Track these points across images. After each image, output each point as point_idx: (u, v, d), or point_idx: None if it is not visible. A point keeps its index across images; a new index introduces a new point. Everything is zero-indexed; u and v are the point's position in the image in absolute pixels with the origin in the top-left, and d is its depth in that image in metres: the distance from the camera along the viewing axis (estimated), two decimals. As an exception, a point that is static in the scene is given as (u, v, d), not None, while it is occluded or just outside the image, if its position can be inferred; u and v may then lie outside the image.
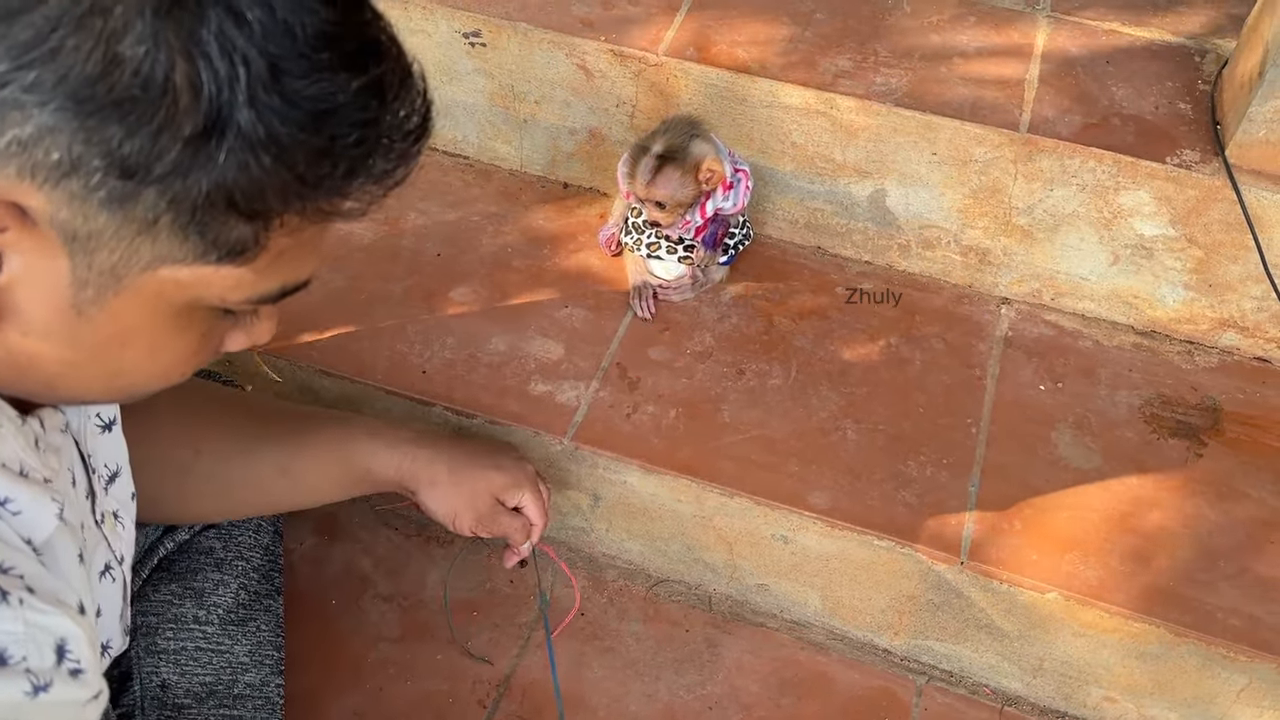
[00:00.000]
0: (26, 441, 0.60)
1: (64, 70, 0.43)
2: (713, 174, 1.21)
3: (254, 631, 1.05)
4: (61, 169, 0.45)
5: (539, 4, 1.37)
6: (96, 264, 0.49)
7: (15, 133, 0.44)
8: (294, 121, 0.47)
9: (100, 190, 0.46)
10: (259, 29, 0.45)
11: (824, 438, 1.19)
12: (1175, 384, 1.28)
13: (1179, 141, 1.23)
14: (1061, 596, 1.07)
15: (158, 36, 0.44)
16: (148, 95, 0.44)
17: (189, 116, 0.45)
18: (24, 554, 0.56)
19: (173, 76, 0.44)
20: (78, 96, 0.44)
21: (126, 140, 0.45)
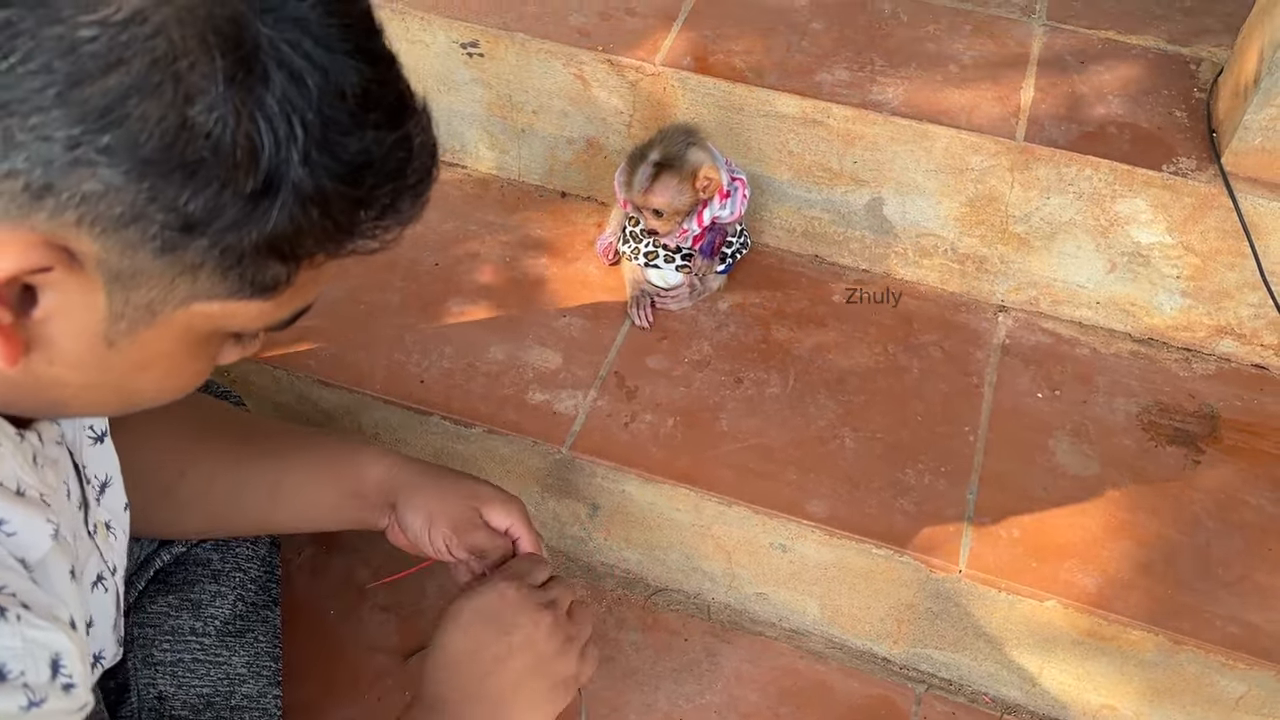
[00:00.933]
0: (25, 458, 0.60)
1: (136, 135, 0.45)
2: (710, 182, 1.22)
3: (251, 643, 1.04)
4: (121, 221, 0.47)
5: (536, 14, 1.38)
6: (133, 300, 0.51)
7: (82, 188, 0.45)
8: (339, 176, 0.49)
9: (156, 240, 0.48)
10: (315, 91, 0.47)
11: (822, 446, 1.19)
12: (1173, 391, 1.28)
13: (1175, 149, 1.23)
14: (1060, 604, 1.07)
15: (228, 102, 0.46)
16: (216, 158, 0.46)
17: (249, 175, 0.47)
18: (16, 572, 0.56)
19: (239, 139, 0.46)
20: (148, 159, 0.45)
21: (191, 199, 0.47)
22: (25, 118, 0.44)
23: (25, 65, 0.43)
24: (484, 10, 1.38)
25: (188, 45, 0.45)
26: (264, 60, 0.46)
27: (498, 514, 0.95)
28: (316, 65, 0.48)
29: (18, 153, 0.44)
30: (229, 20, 0.46)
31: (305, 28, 0.47)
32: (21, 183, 0.45)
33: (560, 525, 1.27)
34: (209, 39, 0.45)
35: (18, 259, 0.47)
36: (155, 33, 0.44)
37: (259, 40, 0.46)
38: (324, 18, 0.48)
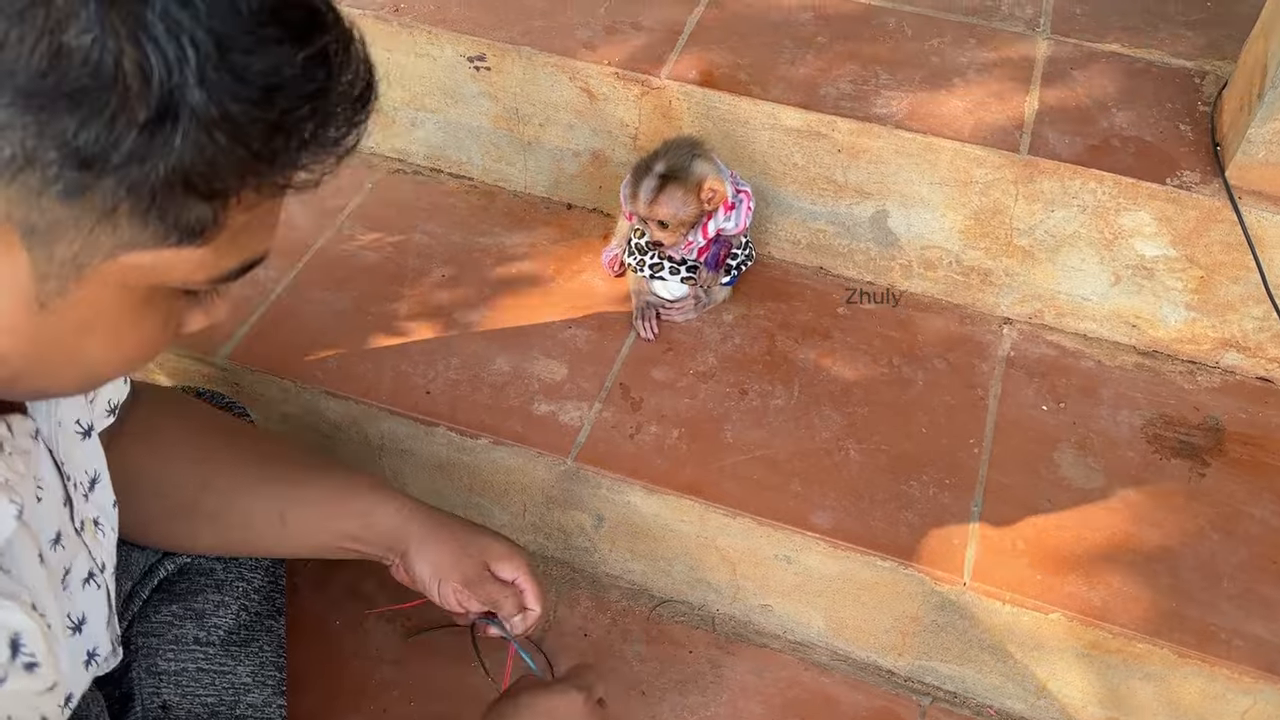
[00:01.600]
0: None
1: (9, 65, 0.43)
2: (714, 194, 1.22)
3: (256, 652, 1.05)
4: (15, 164, 0.45)
5: (543, 29, 1.39)
6: (57, 255, 0.48)
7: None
8: (245, 98, 0.46)
9: (57, 183, 0.45)
10: (203, 7, 0.45)
11: (827, 458, 1.19)
12: (1177, 404, 1.28)
13: (1179, 163, 1.24)
14: (1065, 617, 1.07)
15: (103, 23, 0.43)
16: (98, 84, 0.44)
17: (141, 102, 0.44)
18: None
19: (122, 63, 0.44)
20: (26, 91, 0.43)
21: (81, 131, 0.44)
22: None
23: None
24: (491, 25, 1.39)
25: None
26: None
27: (505, 567, 0.98)
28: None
29: None
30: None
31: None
32: None
33: (565, 536, 1.27)
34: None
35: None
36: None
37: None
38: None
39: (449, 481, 1.27)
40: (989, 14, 1.45)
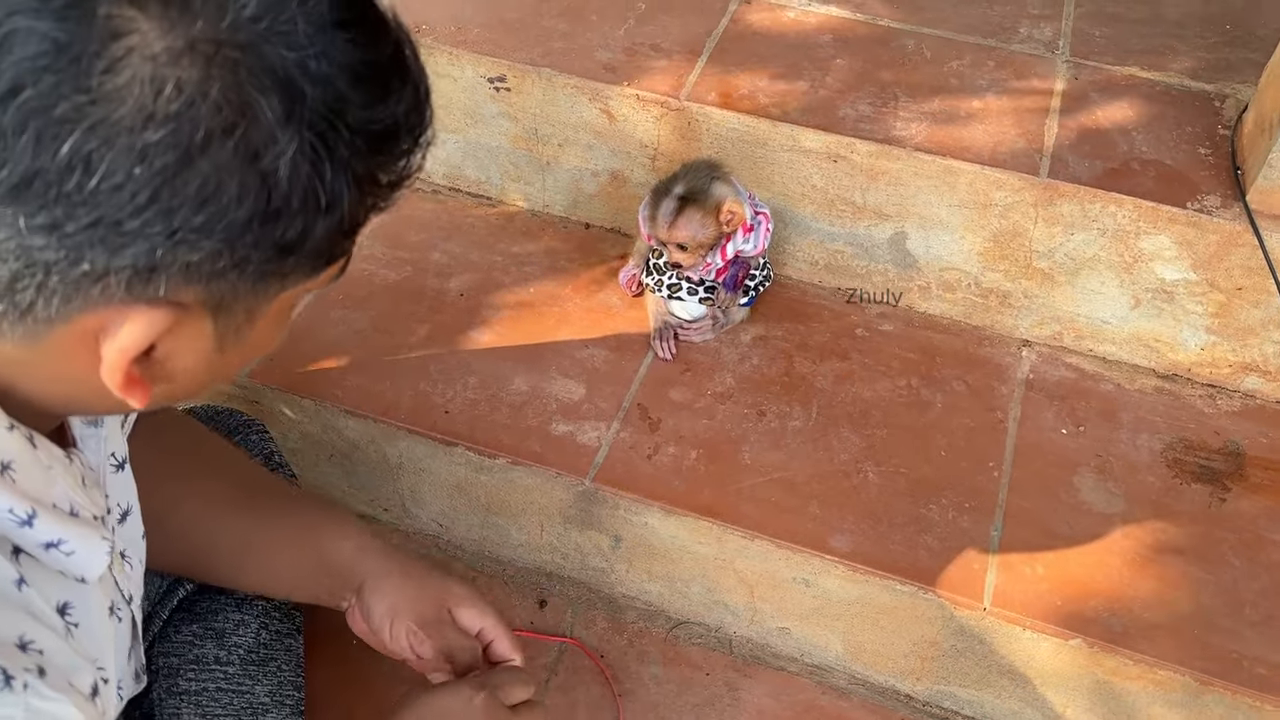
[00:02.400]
0: (75, 480, 0.61)
1: (225, 206, 0.47)
2: (733, 216, 1.22)
3: (275, 671, 1.05)
4: (223, 270, 0.49)
5: (563, 50, 1.39)
6: (236, 314, 0.53)
7: (185, 260, 0.48)
8: (378, 149, 0.52)
9: (255, 272, 0.51)
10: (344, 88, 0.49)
11: (845, 480, 1.19)
12: (1197, 428, 1.27)
13: (1200, 186, 1.23)
14: (1085, 643, 1.07)
15: (289, 139, 0.47)
16: (293, 192, 0.48)
17: (321, 190, 0.49)
18: (47, 627, 0.57)
19: (305, 167, 0.48)
20: (240, 221, 0.48)
21: (283, 234, 0.49)
22: (121, 225, 0.45)
23: (108, 181, 0.44)
24: (512, 46, 1.40)
25: (241, 106, 0.46)
26: (297, 83, 0.47)
27: (469, 614, 0.93)
28: (336, 63, 0.48)
29: (121, 253, 0.46)
30: (259, 62, 0.46)
31: (314, 33, 0.48)
32: (129, 271, 0.47)
33: (582, 557, 1.27)
34: (252, 90, 0.46)
35: (140, 333, 0.50)
36: (215, 109, 0.45)
37: (286, 67, 0.47)
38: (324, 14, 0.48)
39: (466, 501, 1.27)
40: (1008, 36, 1.45)
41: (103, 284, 0.47)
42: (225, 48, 0.45)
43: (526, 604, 1.27)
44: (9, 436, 0.55)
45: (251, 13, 0.46)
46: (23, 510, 0.56)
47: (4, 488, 0.55)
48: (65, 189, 0.44)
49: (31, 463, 0.57)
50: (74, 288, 0.47)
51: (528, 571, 1.30)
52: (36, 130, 0.43)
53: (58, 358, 0.52)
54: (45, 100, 0.43)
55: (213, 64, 0.45)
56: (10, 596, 0.55)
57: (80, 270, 0.46)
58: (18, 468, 0.56)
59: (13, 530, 0.56)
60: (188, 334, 0.52)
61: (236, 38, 0.46)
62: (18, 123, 0.43)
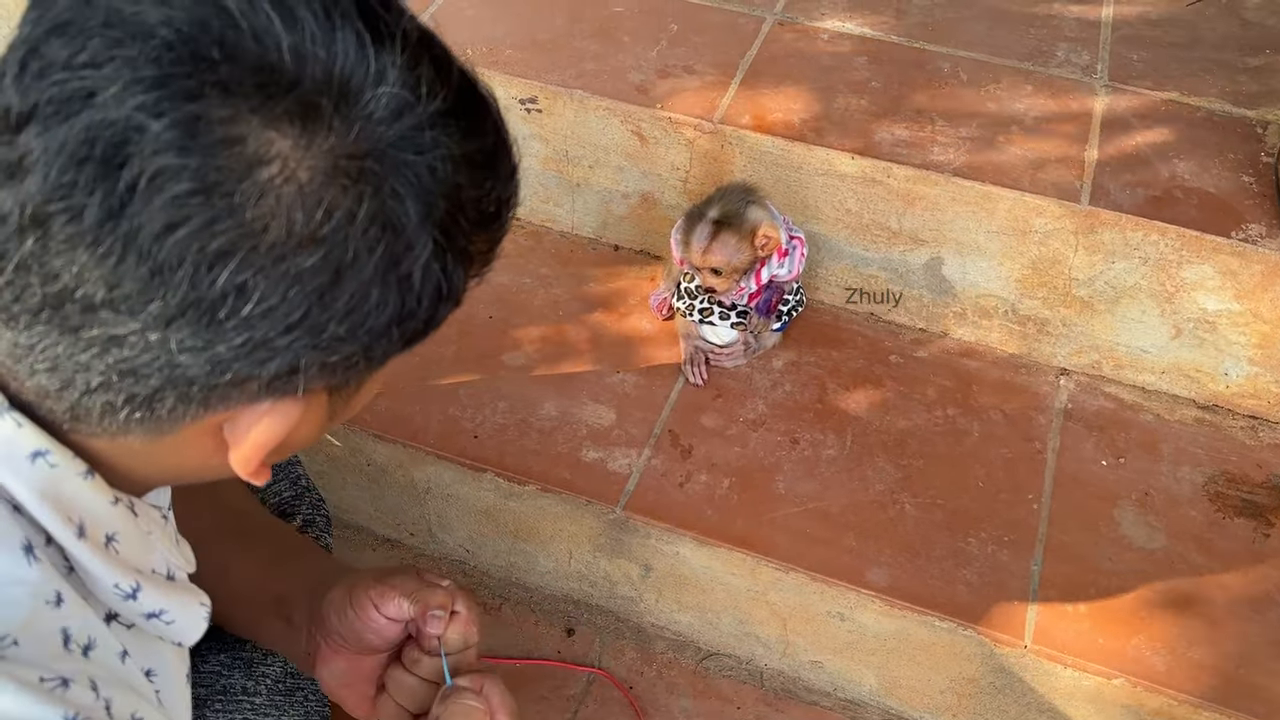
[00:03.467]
0: (170, 540, 0.61)
1: (366, 315, 0.47)
2: (768, 240, 1.21)
3: (301, 701, 1.03)
4: (357, 363, 0.50)
5: (595, 72, 1.38)
6: (349, 387, 0.54)
7: (325, 361, 0.48)
8: (483, 229, 0.52)
9: (380, 360, 0.51)
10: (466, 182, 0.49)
11: (881, 512, 1.16)
12: (1240, 461, 1.25)
13: (1243, 216, 1.21)
14: (1129, 682, 1.04)
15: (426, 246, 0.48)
16: (425, 292, 0.49)
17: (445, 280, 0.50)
18: (148, 702, 0.56)
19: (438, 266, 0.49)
20: (381, 327, 0.48)
21: (413, 328, 0.50)
22: (271, 342, 0.46)
23: (262, 305, 0.45)
24: (544, 68, 1.38)
25: (386, 221, 0.46)
26: (429, 186, 0.47)
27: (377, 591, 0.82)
28: (454, 158, 0.48)
29: (267, 365, 0.47)
30: (396, 173, 0.46)
31: (439, 135, 0.48)
32: (269, 376, 0.48)
33: (611, 585, 1.25)
34: (392, 204, 0.46)
35: (279, 429, 0.51)
36: (364, 228, 0.46)
37: (420, 172, 0.47)
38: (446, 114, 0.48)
39: (494, 527, 1.25)
40: (1045, 60, 1.43)
41: (243, 389, 0.48)
42: (366, 161, 0.45)
43: (554, 632, 1.25)
44: (113, 510, 0.55)
45: (381, 122, 0.46)
46: (128, 584, 0.56)
47: (110, 561, 0.54)
48: (219, 315, 0.45)
49: (133, 533, 0.57)
50: (216, 395, 0.48)
51: (555, 599, 1.28)
52: (194, 264, 0.43)
53: (181, 449, 0.52)
54: (201, 235, 0.43)
55: (358, 182, 0.45)
56: (118, 672, 0.55)
57: (223, 380, 0.47)
58: (121, 538, 0.55)
59: (117, 603, 0.56)
60: (308, 416, 0.53)
61: (374, 150, 0.46)
62: (175, 258, 0.43)
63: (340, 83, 0.45)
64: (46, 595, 0.52)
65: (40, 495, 0.51)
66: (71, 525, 0.52)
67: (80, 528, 0.53)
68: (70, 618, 0.52)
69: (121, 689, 0.54)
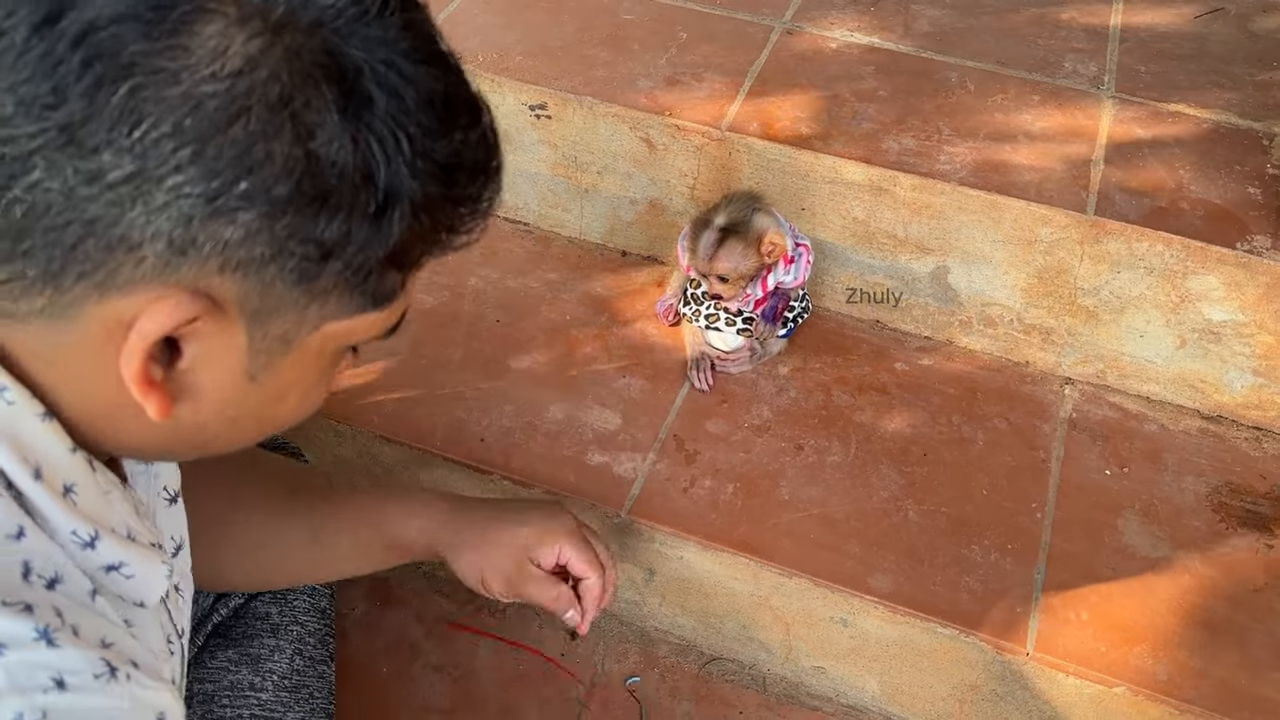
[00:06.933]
0: (130, 508, 0.61)
1: (268, 177, 0.47)
2: (775, 247, 1.21)
3: (306, 699, 1.04)
4: (262, 260, 0.49)
5: (605, 79, 1.39)
6: (271, 333, 0.52)
7: (224, 236, 0.47)
8: (439, 179, 0.51)
9: (294, 273, 0.50)
10: (411, 104, 0.49)
11: (885, 518, 1.17)
12: (1244, 471, 1.25)
13: (1249, 227, 1.22)
14: (1130, 691, 1.04)
15: (344, 129, 0.47)
16: (341, 184, 0.48)
17: (371, 195, 0.49)
18: (122, 629, 0.56)
19: (357, 163, 0.48)
20: (283, 198, 0.47)
21: (326, 228, 0.49)
22: (162, 180, 0.45)
23: (156, 130, 0.44)
24: (554, 74, 1.40)
25: (298, 83, 0.46)
26: (365, 84, 0.48)
27: (545, 554, 0.96)
28: (407, 79, 0.49)
29: (159, 214, 0.46)
30: (327, 53, 0.47)
31: (390, 46, 0.49)
32: (164, 241, 0.47)
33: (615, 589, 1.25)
34: (314, 74, 0.47)
35: (168, 316, 0.48)
36: (270, 77, 0.46)
37: (358, 65, 0.48)
38: (402, 34, 0.50)
39: (500, 529, 1.26)
40: (1052, 70, 1.44)
41: (137, 256, 0.47)
42: (295, 30, 0.47)
43: (557, 635, 1.25)
44: (72, 458, 0.55)
45: (330, 5, 0.47)
46: (86, 532, 0.55)
47: (68, 509, 0.54)
48: (114, 134, 0.44)
49: (92, 486, 0.56)
50: (108, 253, 0.47)
51: (559, 602, 1.29)
52: (99, 71, 0.44)
53: (85, 353, 0.51)
54: (114, 43, 0.44)
55: (279, 38, 0.46)
56: (86, 605, 0.55)
57: (116, 232, 0.46)
58: (80, 490, 0.55)
59: (75, 552, 0.55)
60: (218, 342, 0.51)
61: (310, 25, 0.47)
62: (83, 62, 0.44)
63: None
64: (7, 529, 0.51)
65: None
66: (28, 467, 0.52)
67: (36, 470, 0.52)
68: (33, 552, 0.52)
69: (89, 615, 0.54)
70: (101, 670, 0.51)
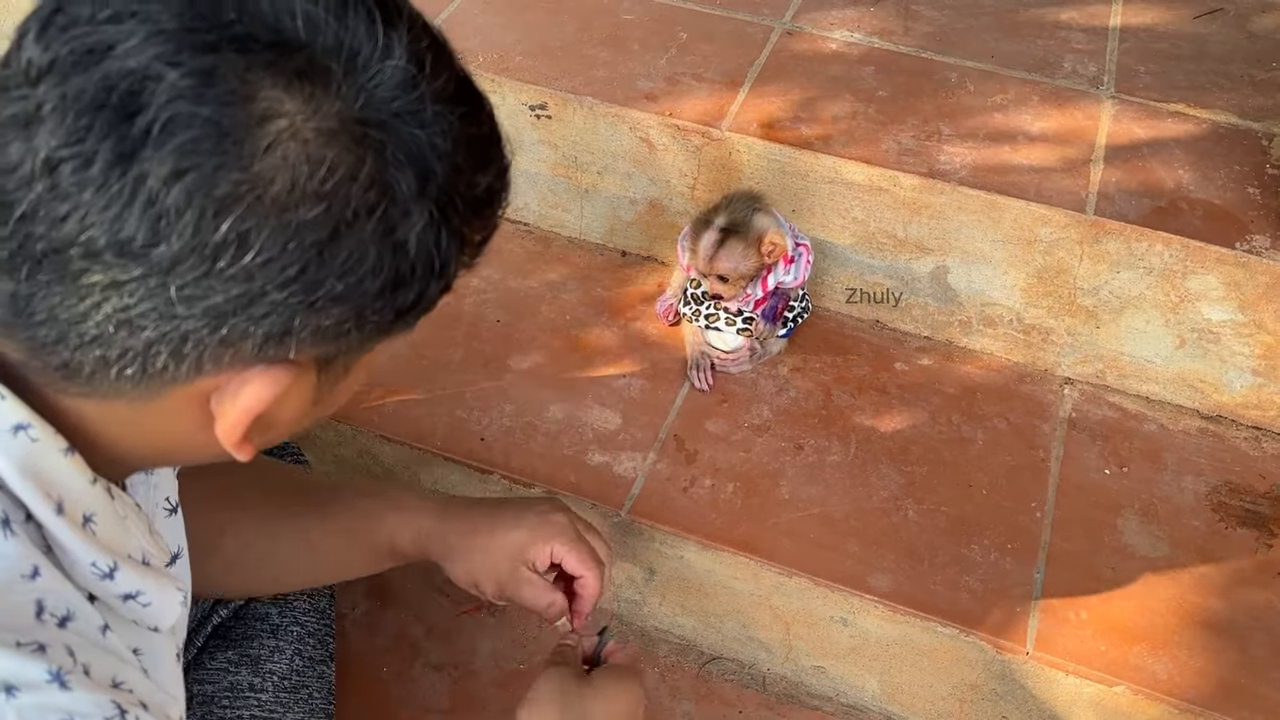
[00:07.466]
0: (144, 528, 0.61)
1: (361, 278, 0.49)
2: (775, 247, 1.21)
3: (306, 699, 1.04)
4: (343, 331, 0.51)
5: (605, 79, 1.39)
6: (335, 367, 0.55)
7: (315, 324, 0.50)
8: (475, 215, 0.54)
9: (371, 331, 0.52)
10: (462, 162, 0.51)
11: (885, 518, 1.17)
12: (1243, 471, 1.25)
13: (1248, 227, 1.22)
14: (1130, 690, 1.05)
15: (421, 213, 0.49)
16: (420, 261, 0.51)
17: (438, 257, 0.51)
18: (133, 666, 0.57)
19: (432, 239, 0.50)
20: (372, 291, 0.50)
21: (402, 299, 0.51)
22: (266, 295, 0.47)
23: (261, 256, 0.46)
24: (554, 74, 1.40)
25: (385, 184, 0.48)
26: (428, 160, 0.49)
27: (539, 554, 0.94)
28: (455, 139, 0.51)
29: (260, 321, 0.48)
30: (398, 142, 0.48)
31: (440, 113, 0.50)
32: (263, 334, 0.49)
33: (614, 588, 1.25)
34: (392, 170, 0.48)
35: (268, 393, 0.51)
36: (364, 189, 0.47)
37: (419, 145, 0.49)
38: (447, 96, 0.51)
39: (500, 529, 1.26)
40: (1052, 71, 1.44)
41: (234, 349, 0.49)
42: (370, 128, 0.47)
43: (556, 634, 1.25)
44: (91, 490, 0.55)
45: (386, 93, 0.48)
46: (105, 564, 0.56)
47: (87, 540, 0.55)
48: (219, 265, 0.46)
49: (110, 514, 0.57)
50: (209, 353, 0.49)
51: (559, 602, 1.29)
52: (199, 210, 0.45)
53: (168, 417, 0.53)
54: (208, 182, 0.44)
55: (361, 145, 0.47)
56: (98, 642, 0.56)
57: (218, 337, 0.48)
58: (99, 520, 0.56)
59: (94, 583, 0.56)
60: (293, 389, 0.53)
61: (378, 117, 0.48)
62: (180, 203, 0.44)
63: (350, 52, 0.47)
64: (22, 569, 0.52)
65: (21, 469, 0.51)
66: (50, 502, 0.53)
67: (59, 505, 0.53)
68: (46, 591, 0.53)
69: (100, 654, 0.54)
70: (112, 713, 0.52)
